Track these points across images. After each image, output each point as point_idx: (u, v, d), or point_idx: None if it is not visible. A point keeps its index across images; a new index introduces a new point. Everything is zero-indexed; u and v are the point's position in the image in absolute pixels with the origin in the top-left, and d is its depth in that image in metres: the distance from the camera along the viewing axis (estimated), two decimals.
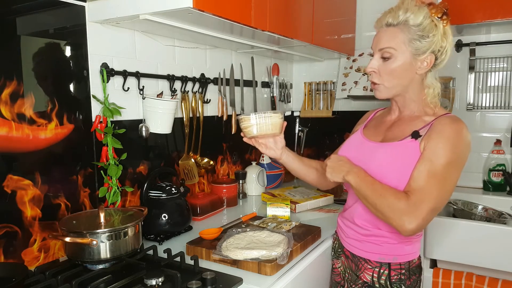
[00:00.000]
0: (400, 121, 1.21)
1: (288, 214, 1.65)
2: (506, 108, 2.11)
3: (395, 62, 1.12)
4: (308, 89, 2.59)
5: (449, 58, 1.16)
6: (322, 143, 2.59)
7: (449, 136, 1.07)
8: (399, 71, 1.13)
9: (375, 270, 1.19)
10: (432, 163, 1.06)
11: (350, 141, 1.32)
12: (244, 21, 1.40)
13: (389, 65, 1.13)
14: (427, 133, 1.10)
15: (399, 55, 1.11)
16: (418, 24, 1.09)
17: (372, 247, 1.19)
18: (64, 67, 1.31)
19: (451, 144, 1.06)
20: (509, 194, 2.08)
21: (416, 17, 1.09)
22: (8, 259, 1.16)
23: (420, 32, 1.09)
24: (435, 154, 1.06)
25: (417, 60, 1.12)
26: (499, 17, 1.82)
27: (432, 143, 1.07)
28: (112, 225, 1.18)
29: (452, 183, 1.08)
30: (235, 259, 1.20)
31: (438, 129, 1.09)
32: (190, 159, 1.82)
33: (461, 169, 1.09)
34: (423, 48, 1.10)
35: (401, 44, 1.10)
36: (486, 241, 1.70)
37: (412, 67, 1.12)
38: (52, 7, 1.27)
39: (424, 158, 1.07)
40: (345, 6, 2.24)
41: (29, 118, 1.20)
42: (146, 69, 1.58)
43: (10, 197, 1.16)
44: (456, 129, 1.08)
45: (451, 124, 1.09)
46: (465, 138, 1.09)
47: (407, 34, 1.10)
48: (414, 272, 1.19)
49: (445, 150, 1.06)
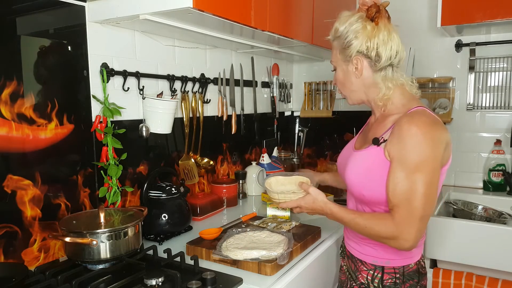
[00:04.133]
0: (375, 124, 1.21)
1: (288, 214, 1.65)
2: (506, 108, 2.11)
3: (337, 73, 1.21)
4: (308, 89, 2.59)
5: (394, 54, 1.10)
6: (322, 143, 2.59)
7: (410, 139, 1.01)
8: (342, 79, 1.20)
9: (369, 272, 1.19)
10: (402, 172, 1.02)
11: (344, 148, 1.34)
12: (244, 21, 1.40)
13: (336, 76, 1.23)
14: (389, 137, 1.07)
15: (337, 66, 1.20)
16: (341, 31, 1.14)
17: (368, 249, 1.19)
18: (64, 67, 1.31)
19: (414, 146, 1.01)
20: (509, 194, 2.08)
21: (340, 25, 1.14)
22: (8, 259, 1.16)
23: (345, 40, 1.13)
24: (402, 162, 1.02)
25: (350, 65, 1.16)
26: (499, 17, 1.82)
27: (395, 150, 1.04)
28: (112, 225, 1.18)
29: (432, 185, 1.02)
30: (235, 259, 1.20)
31: (396, 133, 1.05)
32: (190, 159, 1.82)
33: (437, 167, 1.04)
34: (349, 53, 1.13)
35: (336, 55, 1.19)
36: (486, 241, 1.70)
37: (351, 73, 1.16)
38: (52, 7, 1.27)
39: (393, 169, 1.04)
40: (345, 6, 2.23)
41: (29, 118, 1.20)
42: (146, 69, 1.58)
43: (10, 197, 1.16)
44: (415, 128, 1.02)
45: (407, 124, 1.03)
46: (428, 135, 1.01)
47: (338, 45, 1.17)
48: (411, 277, 1.16)
49: (410, 154, 1.01)
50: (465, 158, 2.21)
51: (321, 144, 2.59)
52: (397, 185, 1.02)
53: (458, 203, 2.00)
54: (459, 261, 1.78)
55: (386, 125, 1.13)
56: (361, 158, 1.15)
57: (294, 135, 2.62)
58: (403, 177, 1.01)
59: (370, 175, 1.11)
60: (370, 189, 1.11)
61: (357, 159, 1.17)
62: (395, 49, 1.11)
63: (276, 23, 1.58)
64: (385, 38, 1.10)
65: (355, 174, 1.15)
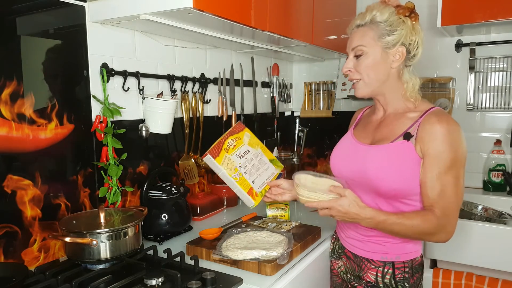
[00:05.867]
0: (386, 120, 1.21)
1: (288, 214, 1.65)
2: (506, 108, 2.11)
3: (367, 58, 1.15)
4: (308, 89, 2.59)
5: (421, 55, 1.18)
6: (322, 143, 2.59)
7: (445, 137, 1.08)
8: (372, 65, 1.16)
9: (378, 269, 1.19)
10: (439, 168, 1.07)
11: (342, 143, 1.32)
12: (244, 21, 1.40)
13: (362, 62, 1.16)
14: (419, 134, 1.11)
15: (369, 51, 1.15)
16: (385, 20, 1.13)
17: (375, 246, 1.19)
18: (64, 67, 1.31)
19: (449, 144, 1.08)
20: (509, 194, 2.08)
21: (382, 14, 1.13)
22: (8, 259, 1.16)
23: (388, 27, 1.13)
24: (439, 159, 1.07)
25: (389, 54, 1.15)
26: (499, 17, 1.82)
27: (431, 148, 1.08)
28: (112, 225, 1.18)
29: (462, 178, 1.11)
30: (235, 259, 1.20)
31: (429, 131, 1.09)
32: (190, 159, 1.82)
33: (465, 162, 1.12)
34: (393, 41, 1.14)
35: (371, 40, 1.14)
36: (486, 241, 1.70)
37: (385, 61, 1.15)
38: (52, 7, 1.27)
39: (430, 165, 1.08)
40: (345, 6, 2.24)
41: (29, 118, 1.20)
42: (146, 69, 1.58)
43: (10, 197, 1.16)
44: (447, 127, 1.09)
45: (440, 123, 1.09)
46: (458, 132, 1.10)
47: (376, 31, 1.14)
48: (417, 270, 1.19)
49: (446, 152, 1.07)
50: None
51: (321, 144, 2.59)
52: (436, 182, 1.08)
53: None
54: (459, 261, 1.78)
55: (405, 122, 1.16)
56: (389, 152, 1.14)
57: (294, 135, 2.62)
58: (442, 173, 1.07)
59: (401, 169, 1.12)
60: (401, 183, 1.11)
61: (383, 153, 1.15)
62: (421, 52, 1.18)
63: (276, 23, 1.58)
64: (423, 39, 1.17)
65: (385, 168, 1.13)
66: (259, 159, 1.34)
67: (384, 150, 1.15)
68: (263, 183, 1.31)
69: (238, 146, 1.30)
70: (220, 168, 1.23)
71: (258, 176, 1.30)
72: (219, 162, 1.23)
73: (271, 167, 1.37)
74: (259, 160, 1.33)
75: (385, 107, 1.23)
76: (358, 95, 1.21)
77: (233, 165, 1.26)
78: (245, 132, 1.35)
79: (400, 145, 1.13)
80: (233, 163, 1.26)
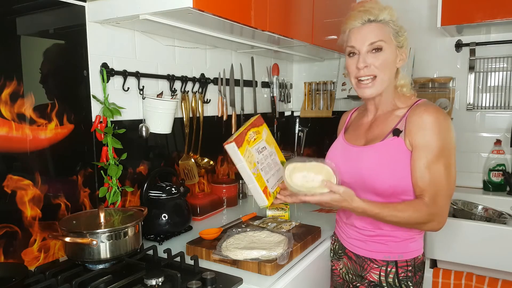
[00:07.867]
0: (377, 121, 1.22)
1: (288, 213, 1.65)
2: (506, 108, 2.11)
3: (385, 53, 1.14)
4: (308, 89, 2.59)
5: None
6: (322, 143, 2.59)
7: (432, 125, 1.09)
8: (388, 62, 1.15)
9: (381, 269, 1.19)
10: (427, 157, 1.08)
11: (334, 147, 1.33)
12: (244, 21, 1.40)
13: (381, 57, 1.13)
14: (407, 128, 1.12)
15: (388, 47, 1.14)
16: (394, 20, 1.15)
17: (377, 246, 1.19)
18: (64, 67, 1.31)
19: (436, 133, 1.08)
20: (509, 194, 2.08)
21: (392, 13, 1.15)
22: (8, 259, 1.16)
23: (397, 28, 1.16)
24: (426, 148, 1.08)
25: (398, 53, 1.17)
26: (499, 17, 1.82)
27: (418, 138, 1.09)
28: (112, 225, 1.18)
29: (453, 166, 1.11)
30: (235, 259, 1.20)
31: (416, 122, 1.11)
32: (190, 159, 1.82)
33: (455, 148, 1.12)
34: (402, 42, 1.16)
35: (389, 37, 1.15)
36: (486, 241, 1.70)
37: (395, 60, 1.17)
38: (52, 7, 1.27)
39: (419, 155, 1.09)
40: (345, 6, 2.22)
41: (29, 118, 1.20)
42: (146, 69, 1.58)
43: (10, 197, 1.16)
44: (434, 115, 1.10)
45: (426, 113, 1.10)
46: (445, 121, 1.10)
47: (390, 29, 1.15)
48: (420, 269, 1.20)
49: (433, 140, 1.08)
50: (465, 158, 2.21)
51: (321, 144, 2.59)
52: (425, 171, 1.08)
53: (458, 203, 2.00)
54: (459, 261, 1.78)
55: (394, 119, 1.17)
56: (380, 150, 1.15)
57: (294, 135, 2.62)
58: (430, 161, 1.08)
59: (394, 165, 1.12)
60: (395, 179, 1.12)
61: (375, 152, 1.16)
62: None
63: (276, 23, 1.58)
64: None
65: (377, 167, 1.14)
66: (273, 158, 1.25)
67: (375, 149, 1.16)
68: (275, 184, 1.21)
69: (257, 140, 1.20)
70: (241, 159, 1.11)
71: (271, 176, 1.20)
72: (242, 153, 1.11)
73: (281, 170, 1.24)
74: (273, 160, 1.24)
75: (378, 107, 1.23)
76: (370, 94, 1.16)
77: (253, 159, 1.15)
78: (263, 128, 1.27)
79: (390, 142, 1.13)
80: (253, 157, 1.15)
